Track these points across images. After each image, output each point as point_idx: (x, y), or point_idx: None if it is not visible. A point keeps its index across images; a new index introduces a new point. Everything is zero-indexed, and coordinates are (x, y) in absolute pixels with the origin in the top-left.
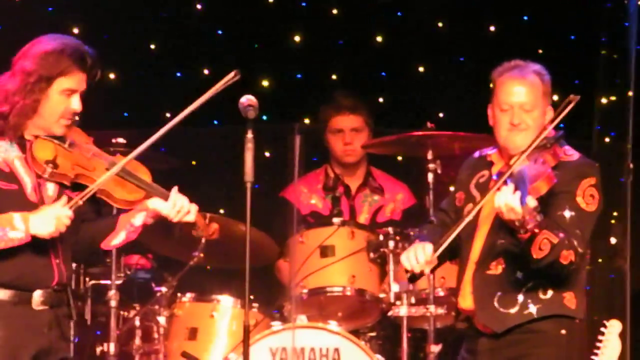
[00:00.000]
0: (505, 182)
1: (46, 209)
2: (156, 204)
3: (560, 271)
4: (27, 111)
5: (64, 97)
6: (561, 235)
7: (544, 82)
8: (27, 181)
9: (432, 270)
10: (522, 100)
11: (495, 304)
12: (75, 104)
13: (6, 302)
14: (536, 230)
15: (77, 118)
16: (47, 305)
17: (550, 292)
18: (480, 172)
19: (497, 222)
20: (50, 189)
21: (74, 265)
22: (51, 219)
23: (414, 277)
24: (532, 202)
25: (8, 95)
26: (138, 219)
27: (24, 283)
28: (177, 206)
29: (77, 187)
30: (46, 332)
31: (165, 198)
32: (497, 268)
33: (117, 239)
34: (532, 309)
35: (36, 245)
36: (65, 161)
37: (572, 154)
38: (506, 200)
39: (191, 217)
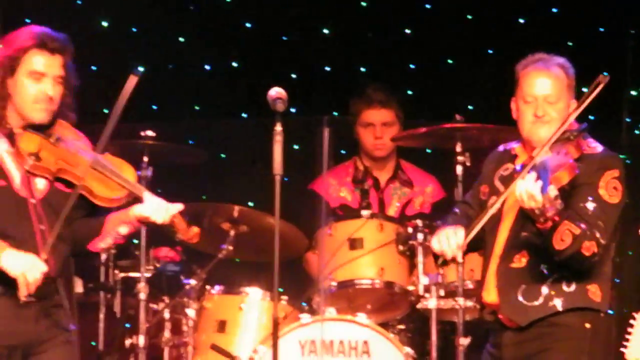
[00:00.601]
0: (528, 173)
1: (26, 255)
2: (138, 209)
3: (582, 263)
4: (1, 98)
5: (32, 80)
6: (583, 226)
7: (568, 75)
8: (16, 175)
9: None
10: (546, 92)
11: (520, 297)
12: (48, 88)
13: None
14: (557, 219)
15: (53, 105)
16: (33, 298)
17: (574, 285)
18: (504, 165)
19: (520, 214)
20: (40, 183)
21: (103, 257)
22: (23, 264)
23: (444, 262)
24: (552, 191)
25: None
26: (123, 229)
27: (9, 276)
28: (156, 207)
29: (65, 181)
30: (33, 324)
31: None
32: (520, 261)
33: (104, 242)
34: (557, 301)
35: (22, 242)
36: (49, 155)
37: (595, 147)
38: (527, 187)
39: (166, 218)
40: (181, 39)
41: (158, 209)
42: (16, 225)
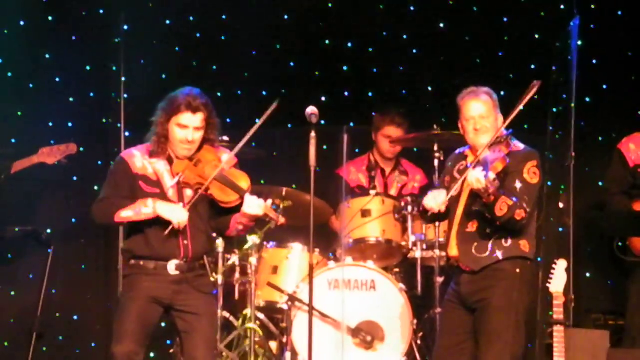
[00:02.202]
0: (475, 166)
1: (174, 205)
2: (243, 208)
3: (515, 225)
4: (160, 138)
5: (179, 129)
6: (514, 199)
7: (493, 99)
8: (169, 187)
9: (441, 220)
10: (479, 112)
11: (473, 251)
12: (189, 135)
13: (151, 269)
14: (496, 194)
15: (193, 145)
16: (178, 271)
17: (510, 241)
18: (460, 162)
19: (471, 195)
20: (188, 193)
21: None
22: (172, 210)
23: (432, 218)
24: (492, 175)
25: (155, 132)
26: (240, 226)
27: (160, 257)
28: (253, 204)
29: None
30: (176, 287)
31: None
32: (472, 227)
33: (234, 232)
34: (498, 253)
35: (169, 233)
36: (190, 173)
37: (519, 146)
38: (475, 174)
39: (260, 211)
40: (246, 74)
41: (254, 205)
42: (165, 222)
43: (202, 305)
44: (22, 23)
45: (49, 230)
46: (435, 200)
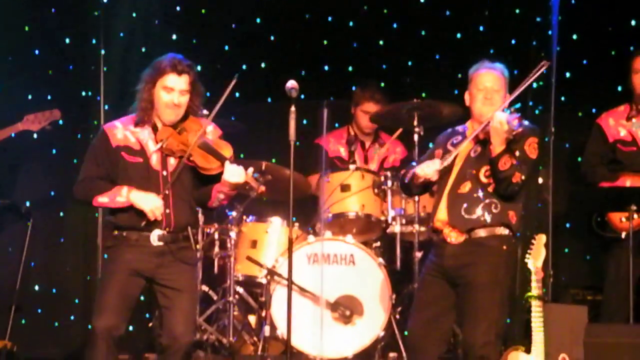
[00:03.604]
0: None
1: (147, 193)
2: (223, 176)
3: (509, 188)
4: (146, 105)
5: (165, 92)
6: (516, 162)
7: (505, 76)
8: (154, 155)
9: (423, 193)
10: (491, 84)
11: (462, 212)
12: (175, 98)
13: (133, 240)
14: (516, 134)
15: (179, 110)
16: (161, 242)
17: (499, 207)
18: (455, 136)
19: (470, 158)
20: (172, 162)
21: None
22: (145, 198)
23: (423, 187)
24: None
25: (140, 100)
26: (221, 195)
27: (144, 227)
28: (234, 171)
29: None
30: (158, 260)
31: (228, 167)
32: (465, 187)
33: (215, 202)
34: (487, 217)
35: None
36: (174, 141)
37: (524, 122)
38: (501, 116)
39: (241, 179)
40: (226, 47)
41: (235, 173)
42: (146, 189)
43: (184, 280)
44: None
45: (28, 203)
46: (430, 167)
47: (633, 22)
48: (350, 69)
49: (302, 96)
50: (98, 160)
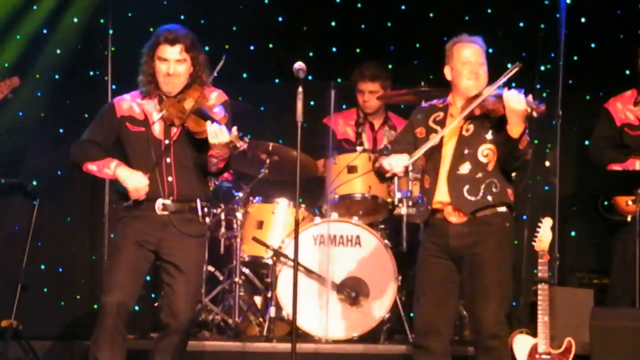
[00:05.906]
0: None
1: (133, 171)
2: (209, 139)
3: (520, 161)
4: (148, 77)
5: (160, 63)
6: (529, 139)
7: (484, 50)
8: (158, 124)
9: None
10: (475, 58)
11: (465, 194)
12: (170, 68)
13: (139, 209)
14: (535, 114)
15: (176, 79)
16: (166, 211)
17: (499, 186)
18: (434, 114)
19: (463, 137)
20: (174, 131)
21: None
22: (129, 175)
23: (391, 177)
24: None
25: (142, 74)
26: (214, 159)
27: (148, 196)
28: (213, 133)
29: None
30: (161, 233)
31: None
32: (464, 168)
33: (213, 168)
34: (489, 197)
35: (149, 169)
36: (173, 109)
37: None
38: (516, 95)
39: (224, 138)
40: (234, 28)
41: (216, 133)
42: (148, 158)
43: (188, 256)
44: None
45: (34, 182)
46: (397, 163)
47: None
48: (358, 50)
49: (310, 77)
50: (99, 125)
